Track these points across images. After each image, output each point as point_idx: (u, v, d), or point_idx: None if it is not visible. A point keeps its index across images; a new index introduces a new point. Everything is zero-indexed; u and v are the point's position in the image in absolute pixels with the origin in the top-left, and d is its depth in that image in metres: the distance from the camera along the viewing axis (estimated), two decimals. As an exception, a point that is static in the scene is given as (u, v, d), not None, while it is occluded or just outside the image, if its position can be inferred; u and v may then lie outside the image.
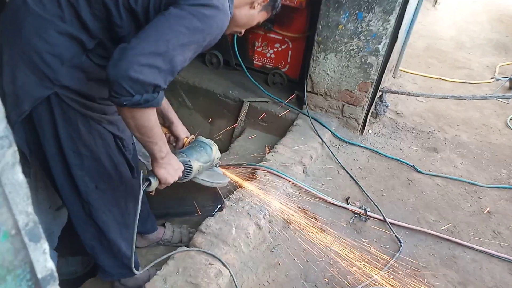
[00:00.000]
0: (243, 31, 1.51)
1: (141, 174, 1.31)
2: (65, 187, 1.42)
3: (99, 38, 1.22)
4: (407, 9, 2.37)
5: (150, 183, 1.31)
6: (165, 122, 1.62)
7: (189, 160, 1.45)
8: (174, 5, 1.12)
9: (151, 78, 1.06)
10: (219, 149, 1.64)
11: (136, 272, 1.37)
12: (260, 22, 1.49)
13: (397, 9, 2.33)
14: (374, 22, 2.40)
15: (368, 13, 2.39)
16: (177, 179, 1.37)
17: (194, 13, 1.11)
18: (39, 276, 0.40)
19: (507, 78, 3.87)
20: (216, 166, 1.66)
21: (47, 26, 1.16)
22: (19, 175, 0.35)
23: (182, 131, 1.63)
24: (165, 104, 1.58)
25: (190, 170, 1.46)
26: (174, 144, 1.64)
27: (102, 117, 1.35)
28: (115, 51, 1.06)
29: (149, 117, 1.16)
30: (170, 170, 1.32)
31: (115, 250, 1.59)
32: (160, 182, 1.33)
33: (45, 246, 0.41)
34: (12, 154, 0.34)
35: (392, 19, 2.36)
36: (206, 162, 1.53)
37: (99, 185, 1.44)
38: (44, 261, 0.41)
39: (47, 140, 1.30)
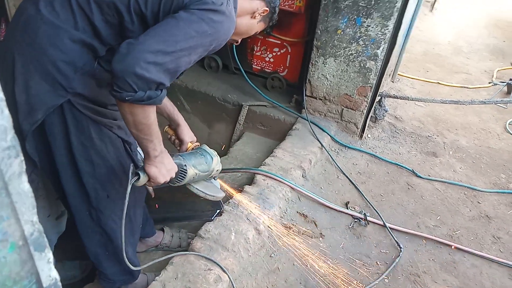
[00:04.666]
0: (239, 40, 1.55)
1: (131, 168, 1.29)
2: (74, 195, 1.41)
3: (110, 45, 1.23)
4: (405, 14, 2.38)
5: (139, 178, 1.29)
6: (172, 124, 1.62)
7: (185, 165, 1.43)
8: (184, 9, 1.14)
9: (156, 76, 1.07)
10: (218, 153, 1.63)
11: (132, 267, 1.36)
12: (257, 32, 1.54)
13: (395, 14, 2.34)
14: (372, 27, 2.41)
15: (367, 19, 2.40)
16: (168, 179, 1.35)
17: (203, 18, 1.13)
18: (44, 285, 0.40)
19: (505, 83, 3.88)
20: (214, 179, 1.64)
21: (61, 34, 1.16)
22: (25, 184, 0.35)
23: (187, 135, 1.61)
24: (170, 106, 1.57)
25: (184, 175, 1.43)
26: (178, 147, 1.64)
27: (112, 122, 1.35)
28: (122, 45, 1.06)
29: (149, 115, 1.15)
30: (162, 169, 1.30)
31: (120, 257, 1.58)
32: (149, 180, 1.31)
33: (49, 255, 0.41)
34: (19, 163, 0.33)
35: (391, 24, 2.37)
36: (204, 171, 1.50)
37: (110, 193, 1.44)
38: (48, 270, 0.41)
39: (59, 148, 1.29)
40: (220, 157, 1.62)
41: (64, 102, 1.21)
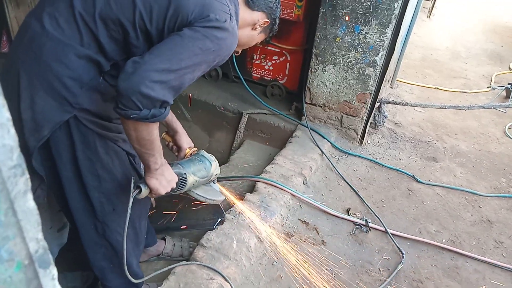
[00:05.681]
0: (240, 51, 1.57)
1: (133, 181, 1.30)
2: (79, 209, 1.41)
3: (114, 60, 1.24)
4: (403, 21, 2.40)
5: (140, 191, 1.31)
6: (169, 131, 1.63)
7: (185, 173, 1.44)
8: (188, 26, 1.15)
9: (161, 95, 1.09)
10: (218, 160, 1.63)
11: (133, 280, 1.36)
12: (258, 43, 1.56)
13: (393, 21, 2.35)
14: (371, 34, 2.43)
15: (365, 26, 2.41)
16: (169, 190, 1.36)
17: (207, 35, 1.15)
18: (49, 302, 0.40)
19: (503, 87, 3.90)
20: (214, 182, 1.65)
21: (67, 50, 1.17)
22: (30, 202, 0.35)
23: (185, 142, 1.62)
24: (169, 114, 1.59)
25: (184, 183, 1.45)
26: (176, 154, 1.65)
27: (118, 136, 1.36)
28: (127, 64, 1.08)
29: (152, 131, 1.17)
30: (163, 181, 1.32)
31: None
32: (150, 192, 1.33)
33: (54, 271, 0.41)
34: (24, 182, 0.34)
35: (389, 31, 2.39)
36: (203, 177, 1.52)
37: (116, 206, 1.44)
38: (52, 286, 0.41)
39: (64, 163, 1.30)
40: (220, 165, 1.63)
41: (71, 118, 1.22)
